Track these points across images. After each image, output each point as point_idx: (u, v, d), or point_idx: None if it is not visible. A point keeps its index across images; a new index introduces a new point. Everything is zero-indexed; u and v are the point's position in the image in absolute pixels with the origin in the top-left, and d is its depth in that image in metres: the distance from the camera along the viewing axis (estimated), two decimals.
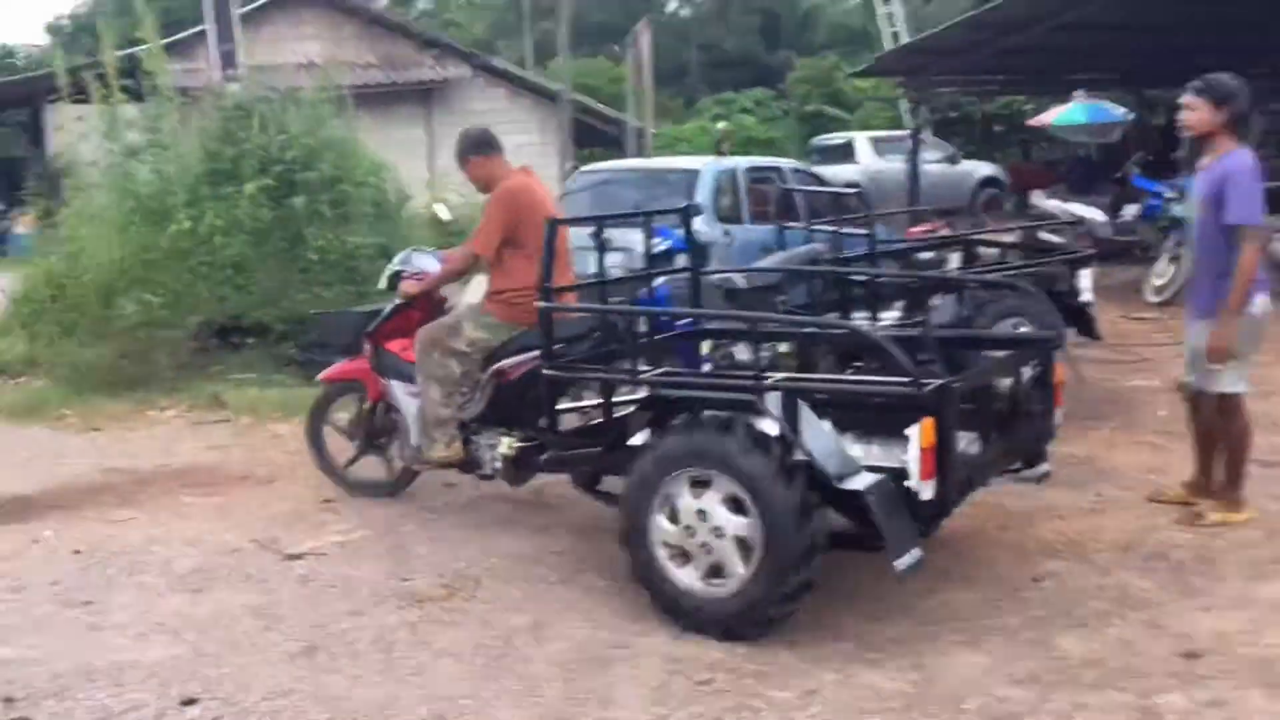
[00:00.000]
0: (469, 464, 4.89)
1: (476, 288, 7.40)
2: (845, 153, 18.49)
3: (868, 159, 18.47)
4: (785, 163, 9.67)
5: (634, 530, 3.91)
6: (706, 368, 5.20)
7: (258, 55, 13.16)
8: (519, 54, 33.67)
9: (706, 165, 8.27)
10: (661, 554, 3.87)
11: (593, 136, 22.74)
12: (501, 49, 30.25)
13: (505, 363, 4.81)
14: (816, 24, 41.74)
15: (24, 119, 31.41)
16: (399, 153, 11.63)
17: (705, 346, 5.57)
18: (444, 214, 6.14)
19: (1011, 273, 7.09)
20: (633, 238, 7.77)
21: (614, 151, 23.33)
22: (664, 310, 5.34)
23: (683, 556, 3.84)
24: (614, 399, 4.39)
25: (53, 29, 41.20)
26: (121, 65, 10.30)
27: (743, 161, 9.11)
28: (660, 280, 6.66)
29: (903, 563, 3.54)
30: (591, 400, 4.77)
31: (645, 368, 4.42)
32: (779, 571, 3.63)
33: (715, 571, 3.79)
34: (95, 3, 42.31)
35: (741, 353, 5.36)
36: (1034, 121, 19.28)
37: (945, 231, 9.02)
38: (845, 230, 6.80)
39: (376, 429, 5.43)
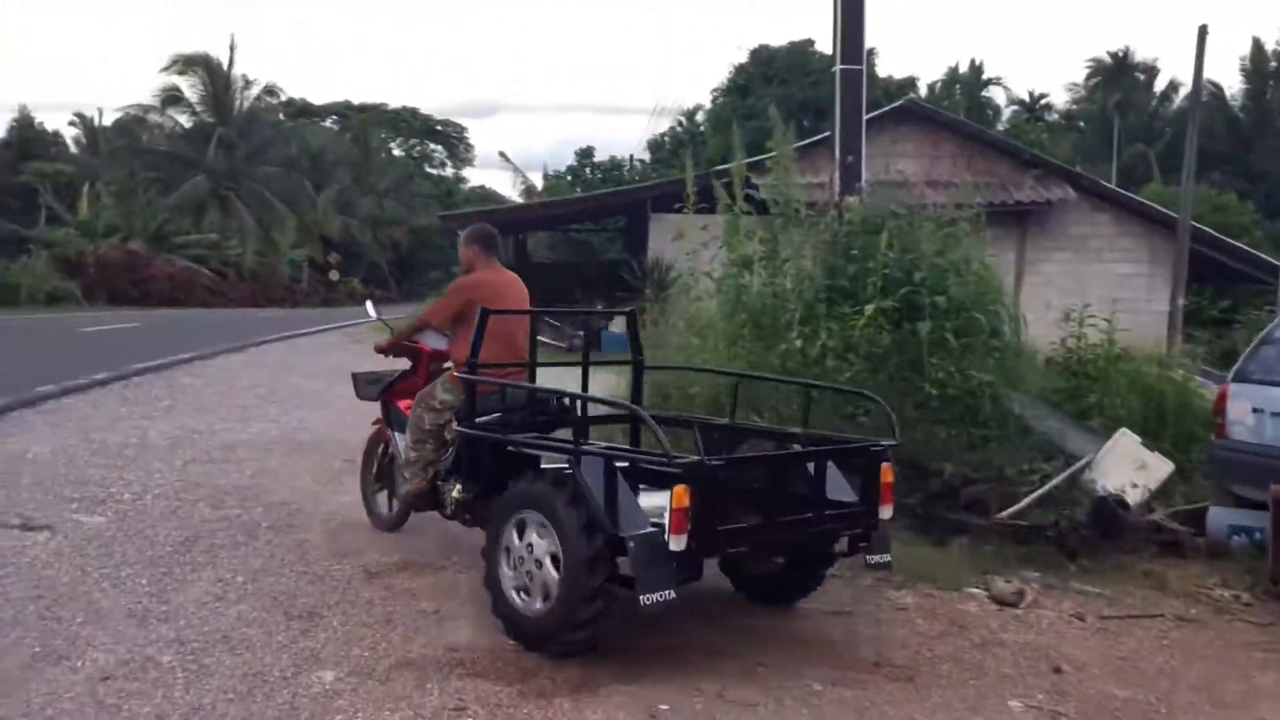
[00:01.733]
0: (439, 505, 5.78)
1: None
2: None
3: None
4: None
5: (489, 550, 4.93)
6: None
7: None
8: (1104, 178, 31.31)
9: None
10: (505, 573, 4.84)
11: (1207, 270, 19.98)
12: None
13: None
14: None
15: (621, 225, 34.50)
16: None
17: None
18: (371, 312, 7.24)
19: None
20: None
21: (1239, 289, 20.36)
22: (537, 388, 5.80)
23: (517, 582, 4.79)
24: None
25: (653, 145, 45.29)
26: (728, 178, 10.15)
27: None
28: None
29: (649, 599, 4.33)
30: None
31: (530, 434, 5.44)
32: (574, 603, 4.52)
33: (531, 592, 4.73)
34: (688, 124, 45.99)
35: None
36: None
37: None
38: None
39: (383, 471, 6.69)
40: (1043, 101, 56.46)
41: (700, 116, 48.75)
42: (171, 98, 50.46)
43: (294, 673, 4.35)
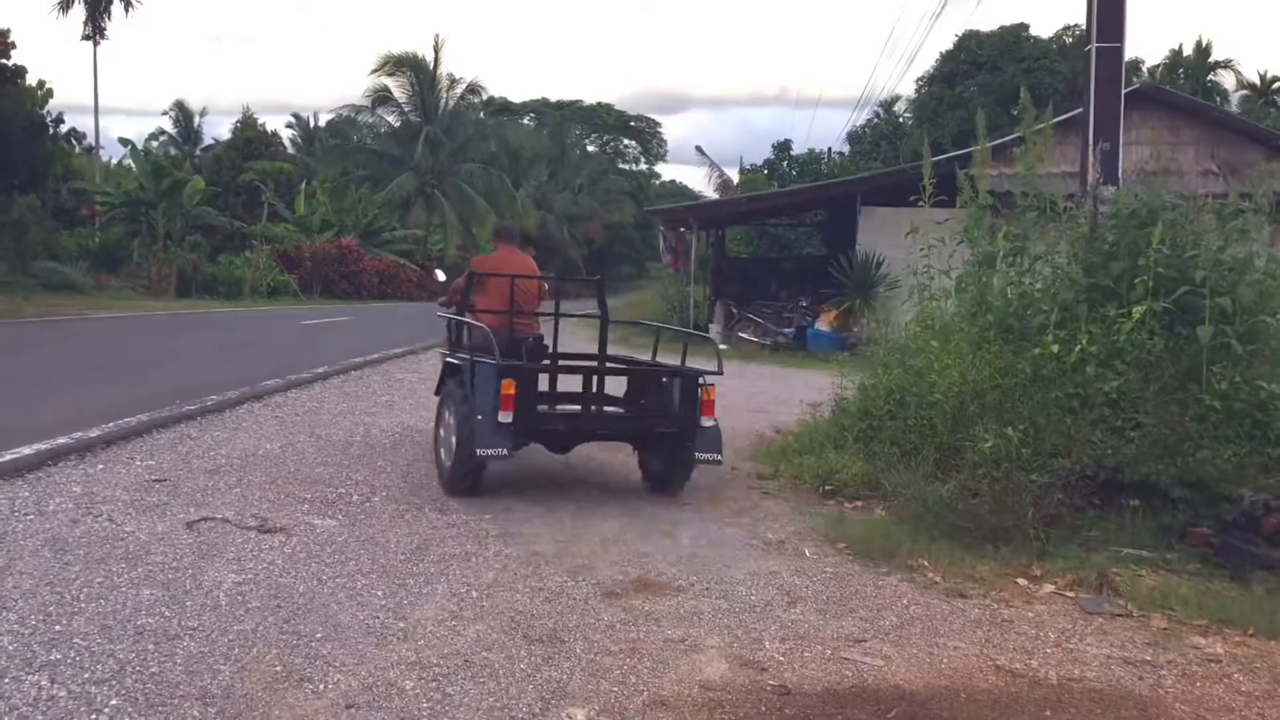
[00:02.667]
0: None
1: None
2: None
3: None
4: None
5: (436, 423, 7.89)
6: None
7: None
8: None
9: None
10: (440, 439, 7.68)
11: None
12: None
13: None
14: None
15: (820, 219, 33.63)
16: None
17: None
18: (440, 275, 10.64)
19: None
20: None
21: None
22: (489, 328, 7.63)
23: (443, 446, 7.60)
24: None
25: (853, 137, 44.11)
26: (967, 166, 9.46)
27: None
28: None
29: (484, 452, 6.82)
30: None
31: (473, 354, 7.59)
32: (457, 467, 7.15)
33: (444, 454, 7.55)
34: (885, 117, 44.59)
35: None
36: None
37: None
38: None
39: None
40: (1276, 85, 52.41)
41: (899, 106, 47.26)
42: (381, 98, 52.34)
43: (541, 707, 4.01)
